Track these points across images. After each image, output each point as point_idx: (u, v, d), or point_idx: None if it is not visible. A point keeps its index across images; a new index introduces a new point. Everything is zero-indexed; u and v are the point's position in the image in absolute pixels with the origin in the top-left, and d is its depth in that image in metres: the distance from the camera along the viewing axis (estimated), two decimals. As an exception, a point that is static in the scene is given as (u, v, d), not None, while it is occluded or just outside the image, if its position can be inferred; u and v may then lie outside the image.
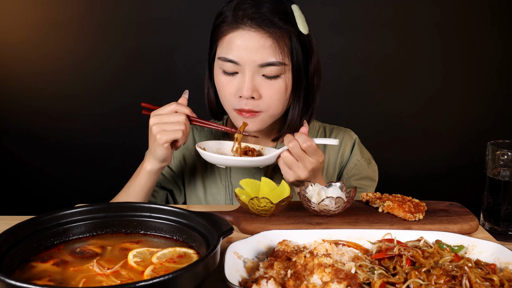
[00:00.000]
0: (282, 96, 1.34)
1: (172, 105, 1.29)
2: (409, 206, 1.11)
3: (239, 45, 1.29)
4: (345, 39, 2.58)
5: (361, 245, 0.97)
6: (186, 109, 1.29)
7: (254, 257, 0.92)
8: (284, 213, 1.14)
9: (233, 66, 1.31)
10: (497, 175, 1.16)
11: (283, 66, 1.31)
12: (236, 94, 1.33)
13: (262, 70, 1.30)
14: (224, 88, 1.35)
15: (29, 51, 2.56)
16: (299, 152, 1.23)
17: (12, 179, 2.70)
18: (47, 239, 0.89)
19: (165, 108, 1.29)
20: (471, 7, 2.58)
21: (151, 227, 0.94)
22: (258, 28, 1.28)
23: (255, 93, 1.31)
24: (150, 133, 1.29)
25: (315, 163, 1.25)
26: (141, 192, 1.35)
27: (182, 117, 1.27)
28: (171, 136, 1.26)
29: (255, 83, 1.31)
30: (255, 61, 1.29)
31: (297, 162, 1.25)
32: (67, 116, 2.61)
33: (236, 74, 1.32)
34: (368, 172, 1.51)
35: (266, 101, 1.33)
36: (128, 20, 2.53)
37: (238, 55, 1.29)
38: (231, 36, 1.31)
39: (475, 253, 0.94)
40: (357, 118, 2.67)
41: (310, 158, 1.24)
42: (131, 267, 0.83)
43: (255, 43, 1.28)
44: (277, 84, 1.32)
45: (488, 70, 2.65)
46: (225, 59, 1.31)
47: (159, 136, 1.26)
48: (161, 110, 1.29)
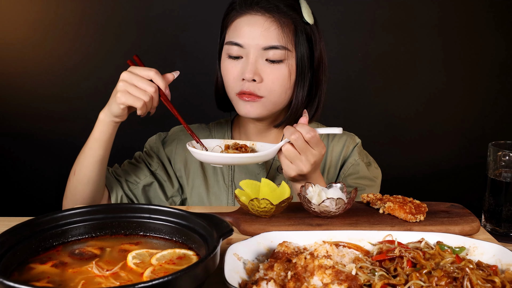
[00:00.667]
0: (284, 82, 1.36)
1: (151, 71, 1.24)
2: (410, 207, 1.11)
3: (245, 29, 1.35)
4: (346, 39, 2.58)
5: (362, 246, 0.97)
6: (161, 82, 1.24)
7: (254, 259, 0.92)
8: (284, 214, 1.14)
9: (238, 49, 1.35)
10: (499, 176, 1.16)
11: (286, 52, 1.35)
12: (239, 77, 1.36)
13: (266, 54, 1.34)
14: (228, 72, 1.38)
15: (27, 52, 2.55)
16: (302, 144, 1.20)
17: (10, 180, 2.70)
18: (46, 240, 0.89)
19: (142, 71, 1.24)
20: (473, 6, 2.58)
21: (151, 228, 0.94)
22: (264, 12, 1.34)
23: (257, 76, 1.34)
24: (116, 86, 1.24)
25: (317, 155, 1.22)
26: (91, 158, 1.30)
27: (152, 88, 1.22)
28: (130, 101, 1.22)
29: (257, 67, 1.34)
30: (258, 44, 1.33)
31: (299, 155, 1.21)
32: (66, 118, 2.61)
33: (240, 58, 1.36)
34: (366, 173, 1.50)
35: (268, 85, 1.35)
36: (127, 20, 2.53)
37: (243, 38, 1.34)
38: (238, 21, 1.37)
39: (476, 255, 0.94)
40: (358, 119, 2.67)
41: (313, 150, 1.21)
42: (130, 268, 0.83)
43: (260, 26, 1.33)
44: (280, 69, 1.35)
45: (490, 70, 2.65)
46: (231, 42, 1.36)
47: (119, 95, 1.22)
48: (138, 70, 1.24)
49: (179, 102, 2.51)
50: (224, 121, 1.61)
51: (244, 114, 1.39)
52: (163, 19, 2.53)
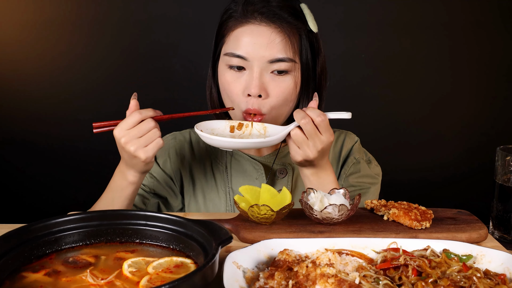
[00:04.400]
0: (289, 96, 1.35)
1: (134, 115, 1.21)
2: (416, 213, 1.12)
3: (248, 40, 1.30)
4: (350, 40, 2.59)
5: (366, 254, 0.97)
6: (149, 112, 1.23)
7: (254, 267, 0.92)
8: (285, 221, 1.14)
9: (240, 62, 1.32)
10: (507, 182, 1.16)
11: (293, 64, 1.33)
12: (244, 93, 1.33)
13: (271, 67, 1.31)
14: (230, 87, 1.35)
15: (20, 53, 2.56)
16: (311, 129, 1.22)
17: (1, 185, 2.70)
18: (39, 248, 0.89)
19: (128, 121, 1.21)
20: (480, 7, 2.59)
21: (147, 235, 0.95)
22: (268, 22, 1.31)
23: (263, 91, 1.32)
24: (125, 152, 1.23)
25: (325, 142, 1.24)
26: (126, 201, 1.32)
27: (152, 123, 1.22)
28: (153, 150, 1.22)
29: (263, 80, 1.32)
30: (264, 56, 1.30)
31: (307, 140, 1.23)
32: (59, 121, 2.62)
33: (243, 71, 1.33)
34: (368, 171, 1.51)
35: (272, 101, 1.33)
36: (123, 20, 2.54)
37: (247, 50, 1.30)
38: (239, 31, 1.32)
39: (484, 263, 0.94)
40: (362, 122, 2.66)
41: (321, 136, 1.23)
42: (126, 277, 0.83)
43: (265, 38, 1.30)
44: (286, 82, 1.33)
45: (498, 73, 2.66)
46: (232, 54, 1.32)
47: (142, 154, 1.21)
48: (125, 125, 1.21)
49: (175, 106, 2.51)
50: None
51: None
52: (159, 19, 2.53)
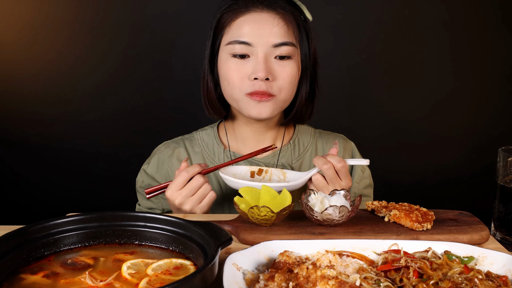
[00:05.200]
0: (293, 79, 1.41)
1: (182, 175, 1.30)
2: (417, 215, 1.12)
3: (251, 27, 1.37)
4: (350, 40, 2.58)
5: (366, 256, 0.97)
6: (195, 168, 1.32)
7: (254, 269, 0.92)
8: (285, 223, 1.14)
9: (244, 48, 1.37)
10: (509, 183, 1.16)
11: (295, 49, 1.40)
12: (250, 77, 1.37)
13: (275, 51, 1.38)
14: (233, 74, 1.39)
15: (18, 53, 2.56)
16: (332, 175, 1.30)
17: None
18: (37, 250, 0.89)
19: (177, 182, 1.30)
20: (482, 6, 2.59)
21: (146, 237, 0.95)
22: (269, 10, 1.38)
23: (270, 74, 1.37)
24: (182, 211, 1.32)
25: (345, 187, 1.31)
26: None
27: (201, 179, 1.31)
28: (208, 205, 1.32)
29: (268, 65, 1.37)
30: (268, 41, 1.36)
31: (328, 186, 1.32)
32: (57, 122, 2.61)
33: (247, 58, 1.38)
34: (370, 180, 1.59)
35: (280, 83, 1.39)
36: (121, 21, 2.53)
37: (251, 36, 1.36)
38: (241, 20, 1.39)
39: (485, 265, 0.94)
40: (363, 123, 2.67)
41: (341, 182, 1.32)
42: (125, 279, 0.83)
43: (269, 24, 1.37)
44: (290, 66, 1.39)
45: (500, 73, 2.66)
46: (236, 41, 1.38)
47: (198, 211, 1.31)
48: (175, 186, 1.30)
49: (174, 105, 2.50)
50: (209, 128, 1.61)
51: (255, 115, 1.40)
52: (158, 18, 2.54)
